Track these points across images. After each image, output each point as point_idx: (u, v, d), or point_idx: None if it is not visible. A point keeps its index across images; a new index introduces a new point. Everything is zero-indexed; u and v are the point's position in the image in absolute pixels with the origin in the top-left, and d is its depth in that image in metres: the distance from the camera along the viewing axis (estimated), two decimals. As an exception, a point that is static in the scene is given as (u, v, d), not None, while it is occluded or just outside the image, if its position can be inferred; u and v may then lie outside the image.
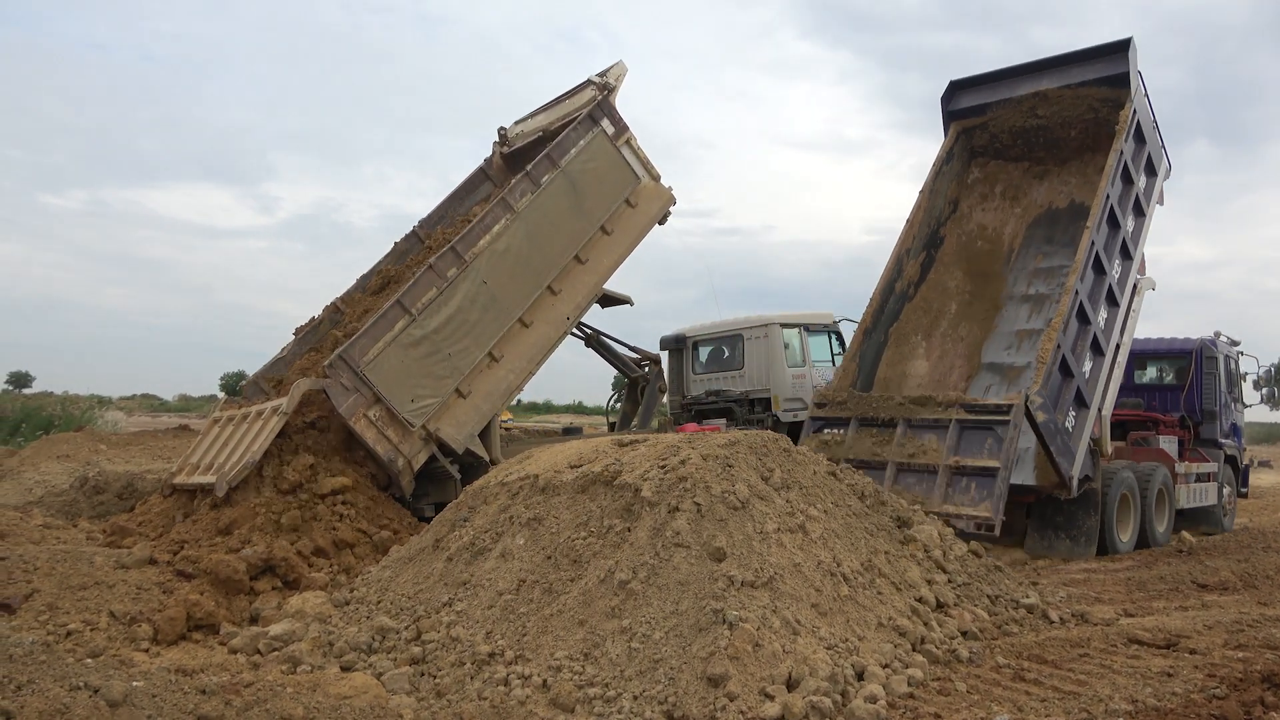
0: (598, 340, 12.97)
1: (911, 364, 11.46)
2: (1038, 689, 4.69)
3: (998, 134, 12.42)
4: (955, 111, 12.58)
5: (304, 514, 8.21)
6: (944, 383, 11.20)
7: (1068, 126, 11.91)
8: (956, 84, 12.64)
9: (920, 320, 11.83)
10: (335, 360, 9.04)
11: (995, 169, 12.76)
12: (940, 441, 9.31)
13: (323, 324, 11.36)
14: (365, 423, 9.12)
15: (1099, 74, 11.33)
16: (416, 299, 9.57)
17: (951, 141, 12.43)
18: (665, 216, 11.94)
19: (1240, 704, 4.40)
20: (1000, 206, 12.47)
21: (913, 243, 11.85)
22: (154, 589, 6.75)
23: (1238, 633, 5.91)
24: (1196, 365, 13.58)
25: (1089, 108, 11.60)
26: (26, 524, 8.53)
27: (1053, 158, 12.37)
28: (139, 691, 3.96)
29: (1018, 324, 11.37)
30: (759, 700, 4.23)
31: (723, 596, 4.73)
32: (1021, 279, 11.75)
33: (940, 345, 11.62)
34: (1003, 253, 12.10)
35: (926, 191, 12.03)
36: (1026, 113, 12.01)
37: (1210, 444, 13.57)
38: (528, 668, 4.76)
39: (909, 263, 11.86)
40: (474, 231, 10.08)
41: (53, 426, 18.68)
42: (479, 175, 12.79)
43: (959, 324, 11.72)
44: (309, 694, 4.53)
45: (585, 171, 10.95)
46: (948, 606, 5.88)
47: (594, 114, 11.12)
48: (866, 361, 11.37)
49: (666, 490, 5.51)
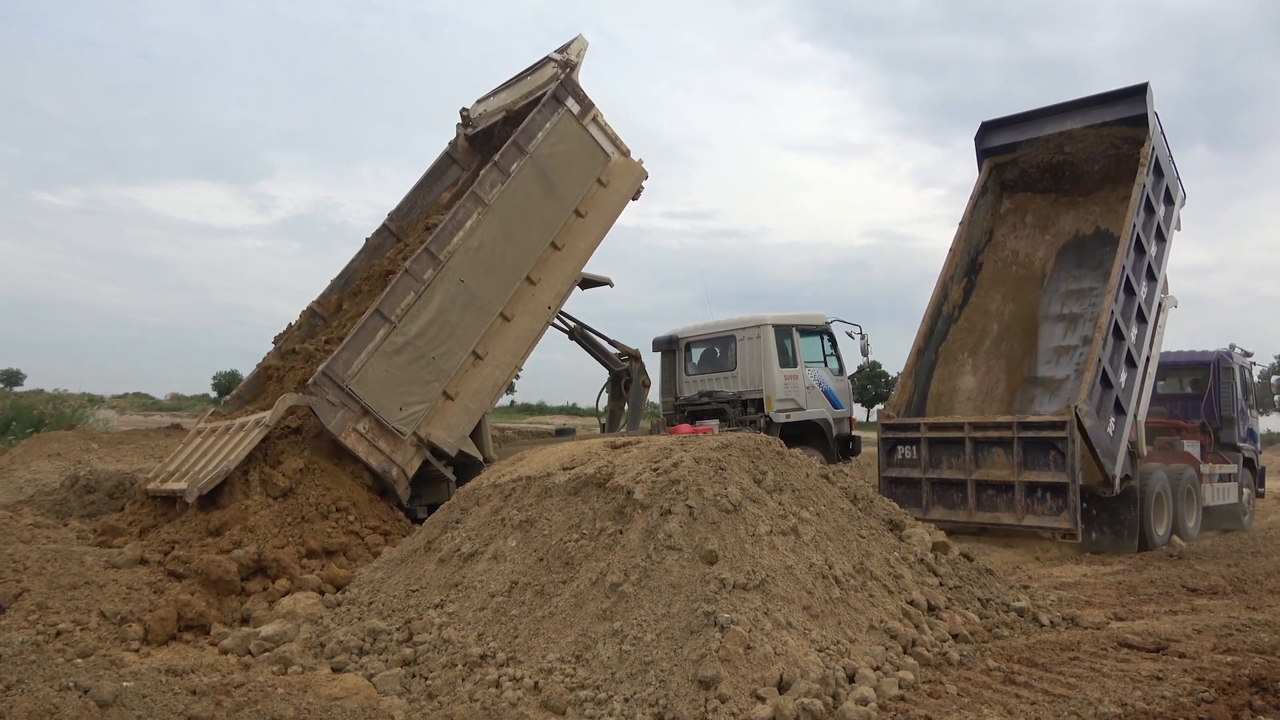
0: (581, 334, 12.94)
1: (960, 380, 12.67)
2: (1028, 692, 4.71)
3: (1027, 169, 13.66)
4: (988, 149, 13.81)
5: (295, 516, 8.17)
6: (991, 396, 12.37)
7: (1091, 161, 13.14)
8: (988, 124, 13.84)
9: (966, 339, 13.07)
10: (319, 377, 8.90)
11: (1025, 200, 13.95)
12: (1007, 457, 10.61)
13: (300, 328, 11.28)
14: (355, 437, 9.03)
15: (1119, 115, 12.56)
16: (395, 305, 9.42)
17: (985, 176, 13.69)
18: (638, 192, 11.65)
19: (1229, 707, 4.42)
20: (1031, 234, 13.69)
21: (955, 270, 13.12)
22: (145, 589, 6.73)
23: (1226, 637, 5.94)
24: (1214, 375, 14.63)
25: (1110, 145, 12.82)
26: (17, 523, 8.49)
27: (1078, 189, 13.51)
28: (129, 692, 3.95)
29: (1055, 340, 12.51)
30: (750, 702, 4.23)
31: (714, 599, 4.73)
32: (1055, 300, 12.89)
33: (985, 362, 12.81)
34: (1036, 276, 13.23)
35: (965, 223, 13.32)
36: (1054, 150, 13.23)
37: (1229, 447, 14.62)
38: (519, 670, 4.76)
39: (953, 288, 13.16)
40: (446, 230, 9.87)
41: (44, 425, 18.59)
42: (445, 160, 12.59)
43: (1001, 342, 12.90)
44: (300, 695, 4.52)
45: (554, 155, 10.69)
46: (939, 609, 5.90)
47: (558, 94, 10.71)
48: (921, 379, 12.63)
49: (659, 493, 5.51)
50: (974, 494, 10.85)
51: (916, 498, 11.41)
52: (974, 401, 12.32)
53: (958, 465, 11.10)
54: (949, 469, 11.19)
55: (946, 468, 11.22)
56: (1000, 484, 10.71)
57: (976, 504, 10.87)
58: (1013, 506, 10.53)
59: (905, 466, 11.62)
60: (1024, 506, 10.47)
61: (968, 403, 12.31)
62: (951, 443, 11.17)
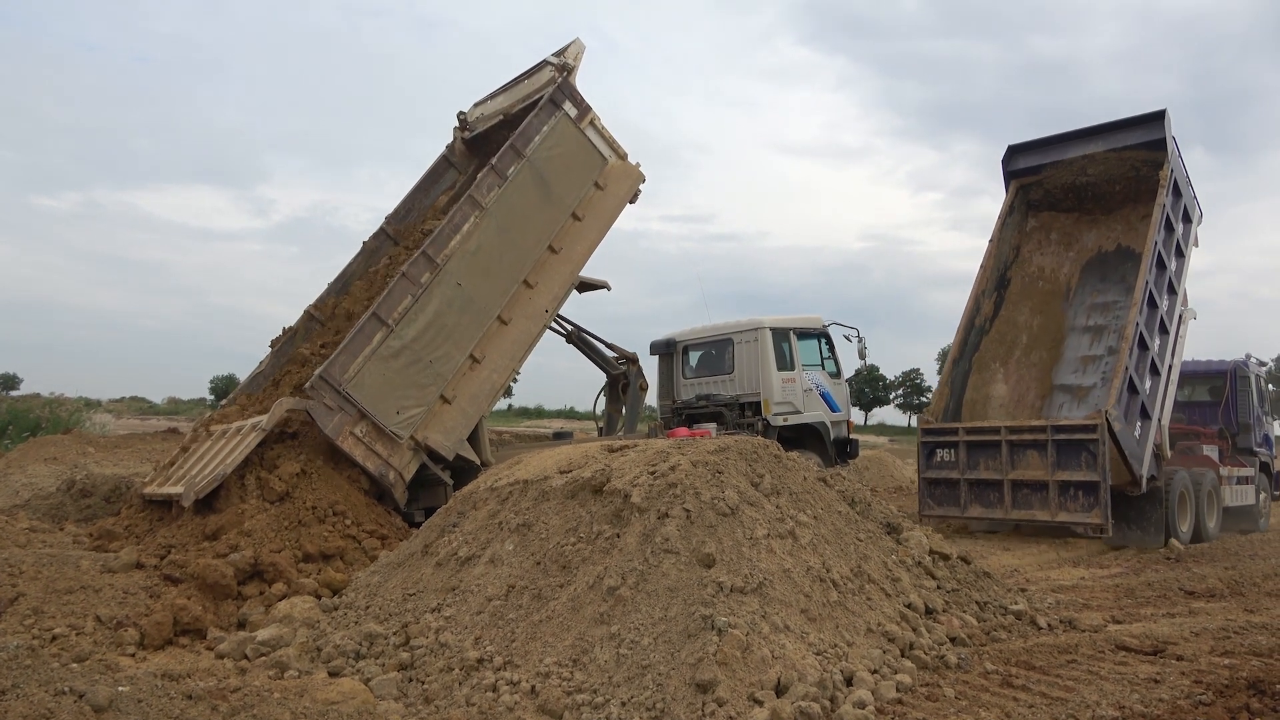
0: (579, 337, 12.94)
1: (993, 387, 13.51)
2: (1025, 695, 4.71)
3: (1051, 190, 14.44)
4: (1014, 171, 14.54)
5: (291, 520, 8.15)
6: (1022, 402, 13.12)
7: (1113, 183, 13.94)
8: (1015, 148, 14.54)
9: (997, 350, 13.85)
10: (316, 381, 8.88)
11: (1050, 219, 14.72)
12: (1042, 458, 11.32)
13: (298, 334, 11.27)
14: (353, 440, 9.02)
15: (1139, 139, 13.31)
16: (392, 309, 9.40)
17: (1012, 197, 14.48)
18: (635, 195, 11.64)
19: (1226, 710, 4.42)
20: (1056, 251, 14.47)
21: (986, 284, 13.97)
22: (141, 593, 6.72)
23: (1224, 639, 5.94)
24: (1231, 384, 15.34)
25: (1131, 167, 13.59)
26: (12, 527, 8.47)
27: (1100, 209, 14.28)
28: (125, 696, 3.94)
29: (1081, 351, 13.29)
30: (748, 706, 4.22)
31: (712, 602, 4.72)
32: (1081, 312, 13.66)
33: (1016, 371, 13.62)
34: (1061, 290, 14.01)
35: (995, 241, 14.12)
36: (1077, 172, 13.99)
37: (1246, 452, 15.32)
38: (516, 674, 4.74)
39: (984, 301, 13.96)
40: (444, 233, 9.86)
41: (40, 429, 18.57)
42: (442, 163, 12.60)
43: (1030, 352, 13.68)
44: (296, 699, 4.51)
45: (551, 158, 10.68)
46: (937, 613, 5.90)
47: (555, 97, 10.70)
48: (956, 386, 13.50)
49: (656, 496, 5.50)
50: (1010, 493, 11.62)
51: (955, 497, 12.23)
52: (1006, 408, 13.17)
53: (994, 466, 11.83)
54: (985, 470, 11.93)
55: (984, 469, 11.96)
56: (1035, 483, 11.44)
57: (1012, 502, 11.63)
58: (1047, 504, 11.29)
59: (944, 468, 12.37)
60: (1058, 504, 11.22)
61: (1000, 409, 13.16)
62: (988, 445, 11.94)
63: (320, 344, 10.79)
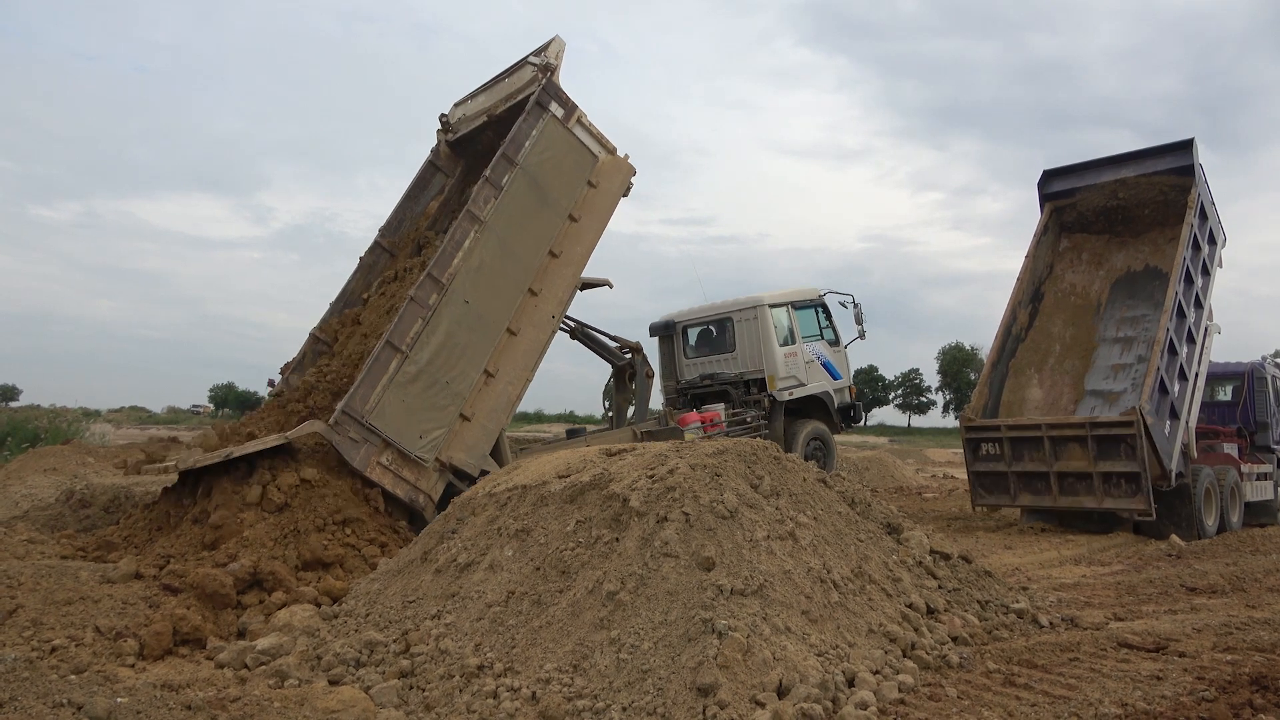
0: (583, 332, 13.04)
1: (1028, 391, 14.32)
2: (1028, 694, 4.69)
3: (1084, 212, 15.29)
4: (1049, 194, 15.47)
5: (291, 529, 8.14)
6: (1056, 405, 13.89)
7: (1142, 206, 14.75)
8: (1050, 173, 15.48)
9: (1032, 357, 14.67)
10: (340, 416, 8.90)
11: (1081, 240, 15.59)
12: (1084, 450, 12.21)
13: (306, 357, 11.31)
14: (380, 470, 9.06)
15: (1168, 165, 14.22)
16: (405, 334, 9.40)
17: (1046, 218, 15.39)
18: (628, 189, 11.62)
19: (1229, 706, 4.41)
20: (1088, 270, 15.31)
21: (1022, 296, 14.84)
22: (140, 603, 6.69)
23: (1226, 635, 5.93)
24: (1249, 384, 16.15)
25: (1160, 191, 14.42)
26: (11, 538, 8.45)
27: (1129, 230, 15.10)
28: (124, 708, 3.93)
29: (1112, 359, 14.09)
30: (750, 708, 4.21)
31: (712, 605, 4.71)
32: (1111, 325, 14.50)
33: (1050, 377, 14.42)
34: (1093, 306, 14.82)
35: (1030, 257, 14.99)
36: (1109, 195, 14.85)
37: (1264, 449, 16.10)
38: (516, 680, 4.73)
39: (1020, 312, 14.81)
40: (446, 251, 9.86)
41: (40, 439, 18.55)
42: (429, 169, 12.54)
43: (1064, 360, 14.48)
44: (296, 708, 4.50)
45: (543, 162, 10.64)
46: (938, 612, 5.88)
47: (541, 99, 10.59)
48: (994, 388, 14.31)
49: (655, 500, 5.49)
50: (1056, 483, 12.51)
51: (1005, 486, 13.18)
52: (1041, 410, 13.96)
53: (1038, 459, 12.63)
54: (1031, 462, 12.76)
55: (1028, 461, 12.79)
56: (1079, 474, 12.35)
57: (1060, 490, 12.53)
58: (1093, 491, 12.25)
59: (990, 461, 13.27)
60: (1103, 492, 12.18)
61: (1036, 410, 13.92)
62: (1030, 440, 12.77)
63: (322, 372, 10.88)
